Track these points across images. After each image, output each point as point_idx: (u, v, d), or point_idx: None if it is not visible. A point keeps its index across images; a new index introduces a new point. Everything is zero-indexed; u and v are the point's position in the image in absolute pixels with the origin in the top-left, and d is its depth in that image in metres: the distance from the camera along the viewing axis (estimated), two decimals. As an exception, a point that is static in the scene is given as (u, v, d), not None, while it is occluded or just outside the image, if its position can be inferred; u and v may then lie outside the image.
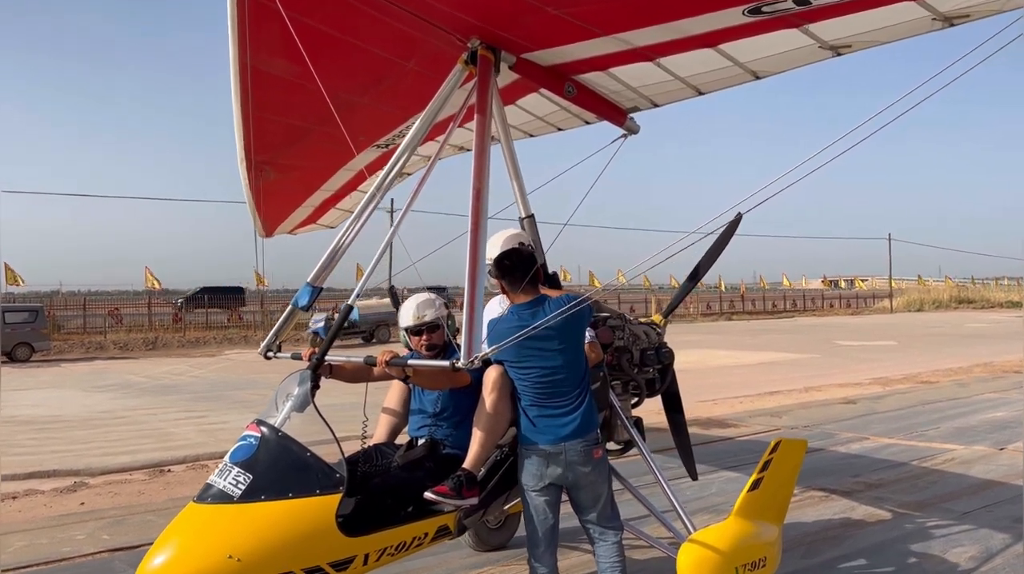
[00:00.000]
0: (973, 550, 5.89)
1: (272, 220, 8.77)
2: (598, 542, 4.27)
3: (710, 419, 12.12)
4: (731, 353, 24.38)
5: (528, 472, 4.12)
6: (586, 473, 4.14)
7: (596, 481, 4.21)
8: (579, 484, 4.16)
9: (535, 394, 4.12)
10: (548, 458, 4.07)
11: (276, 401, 4.10)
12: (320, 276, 4.82)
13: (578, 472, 4.12)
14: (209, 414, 13.69)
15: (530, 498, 4.15)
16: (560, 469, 4.08)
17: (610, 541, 4.25)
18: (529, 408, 4.13)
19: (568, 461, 4.08)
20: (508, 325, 4.11)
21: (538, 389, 4.11)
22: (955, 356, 22.09)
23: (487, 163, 4.44)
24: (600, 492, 4.25)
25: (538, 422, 4.10)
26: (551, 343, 4.10)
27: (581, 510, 4.27)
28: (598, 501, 4.24)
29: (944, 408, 12.97)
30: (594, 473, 4.18)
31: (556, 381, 4.12)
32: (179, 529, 3.67)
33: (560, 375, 4.13)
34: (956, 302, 64.23)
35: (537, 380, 4.11)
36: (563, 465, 4.08)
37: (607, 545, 4.24)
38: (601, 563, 4.25)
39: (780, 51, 4.70)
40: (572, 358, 4.19)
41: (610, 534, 4.26)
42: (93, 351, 29.81)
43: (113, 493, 8.09)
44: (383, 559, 3.97)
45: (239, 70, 5.15)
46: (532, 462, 4.10)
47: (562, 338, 4.13)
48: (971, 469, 8.55)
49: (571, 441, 4.08)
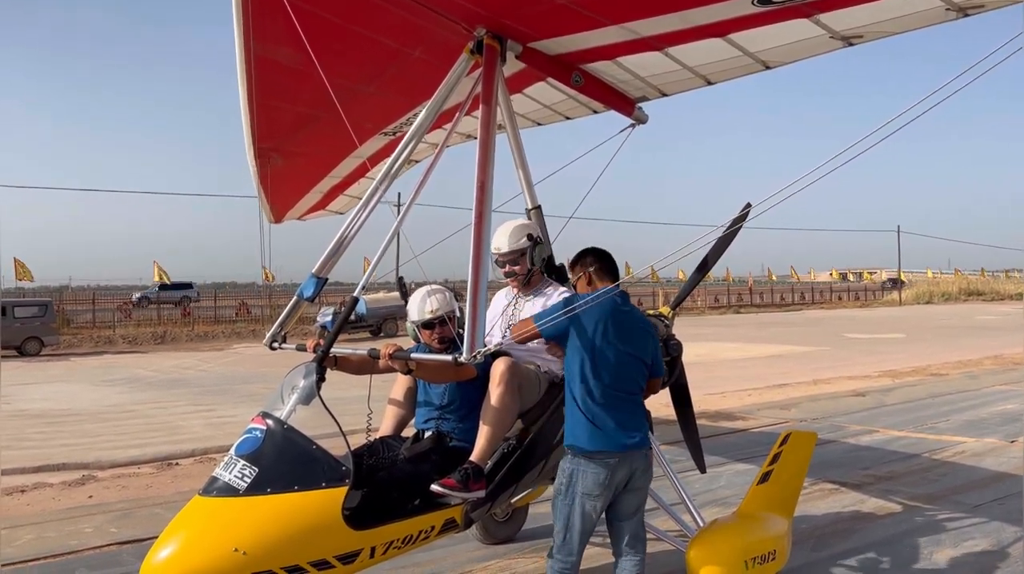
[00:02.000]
0: (984, 543, 5.84)
1: (281, 206, 8.78)
2: (627, 556, 4.06)
3: (718, 412, 12.07)
4: (739, 346, 24.30)
5: (593, 481, 3.88)
6: (641, 477, 4.04)
7: (644, 486, 4.10)
8: (633, 486, 4.02)
9: (604, 395, 3.92)
10: (615, 467, 3.89)
11: (282, 393, 4.07)
12: (325, 267, 4.80)
13: (638, 473, 4.01)
14: (217, 407, 13.71)
15: (584, 506, 3.90)
16: (626, 474, 3.95)
17: (638, 557, 4.07)
18: (589, 409, 3.92)
19: (633, 466, 3.97)
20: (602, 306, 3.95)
21: (606, 389, 3.93)
22: (965, 348, 21.98)
23: (491, 154, 4.40)
24: (644, 497, 4.15)
25: (606, 426, 3.90)
26: (623, 339, 3.99)
27: (620, 517, 4.07)
28: (640, 507, 4.12)
29: (954, 400, 12.89)
30: (647, 476, 4.09)
31: (627, 385, 4.00)
32: (185, 522, 3.65)
33: (632, 380, 4.03)
34: (965, 294, 63.92)
35: (607, 379, 3.93)
36: (628, 472, 3.95)
37: (634, 561, 4.05)
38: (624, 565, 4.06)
39: (790, 41, 4.64)
40: (639, 358, 4.06)
41: (640, 549, 4.09)
42: (102, 345, 29.93)
43: (121, 486, 8.10)
44: (390, 552, 3.95)
45: (245, 58, 5.12)
46: (597, 470, 3.88)
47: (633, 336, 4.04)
48: (982, 462, 8.48)
49: (638, 450, 3.98)
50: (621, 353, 3.97)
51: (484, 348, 3.90)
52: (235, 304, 41.27)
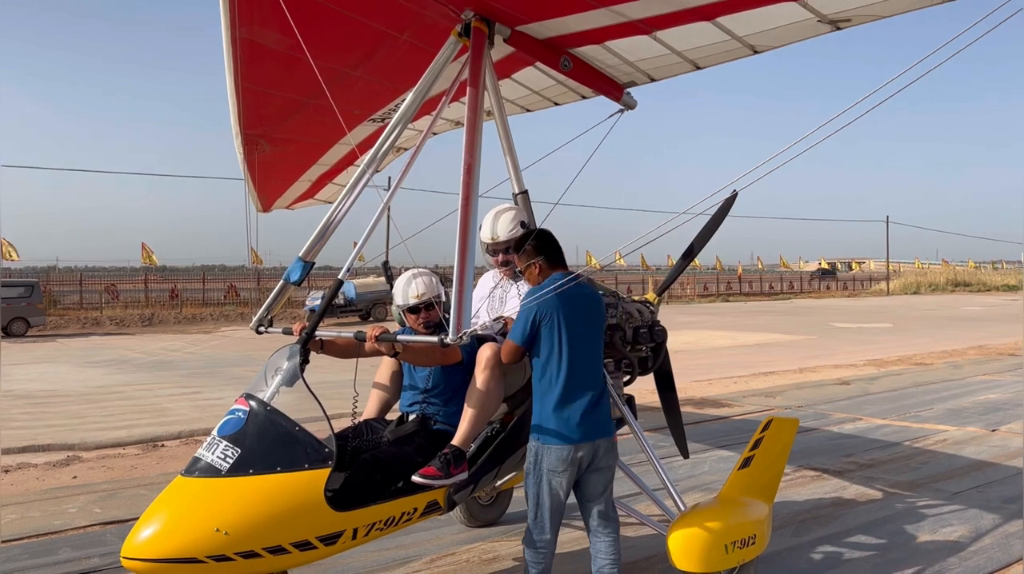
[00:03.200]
0: (963, 530, 5.91)
1: (269, 194, 8.72)
2: (599, 535, 4.17)
3: (704, 399, 12.14)
4: (727, 334, 24.40)
5: (556, 457, 3.97)
6: (605, 458, 4.11)
7: (610, 466, 4.18)
8: (597, 466, 4.10)
9: (567, 380, 3.99)
10: (577, 447, 3.98)
11: (265, 375, 4.07)
12: (312, 251, 4.78)
13: (600, 454, 4.09)
14: (204, 390, 13.69)
15: (551, 483, 4.00)
16: (589, 454, 4.03)
17: (612, 535, 4.18)
18: (558, 394, 3.99)
19: (595, 446, 4.05)
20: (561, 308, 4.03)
21: (572, 376, 4.00)
22: (950, 339, 22.14)
23: (479, 138, 4.39)
24: (611, 477, 4.21)
25: (569, 412, 3.98)
26: (592, 330, 4.11)
27: (587, 497, 4.17)
28: (607, 487, 4.18)
29: (938, 390, 13.00)
30: (611, 456, 4.16)
31: (590, 370, 4.08)
32: (167, 502, 3.66)
33: (594, 365, 4.11)
34: (952, 285, 64.29)
35: (573, 366, 4.00)
36: (591, 450, 4.04)
37: (608, 540, 4.16)
38: (599, 558, 4.16)
39: (778, 25, 4.63)
40: (596, 339, 4.18)
41: (612, 527, 4.19)
42: (89, 327, 29.79)
43: (106, 467, 8.09)
44: (372, 534, 3.96)
45: (231, 43, 5.08)
46: (560, 447, 3.97)
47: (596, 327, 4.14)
48: (963, 450, 8.57)
49: (603, 438, 4.07)
50: (584, 336, 4.07)
51: (470, 329, 3.91)
52: (223, 287, 41.11)
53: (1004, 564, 5.22)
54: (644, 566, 5.21)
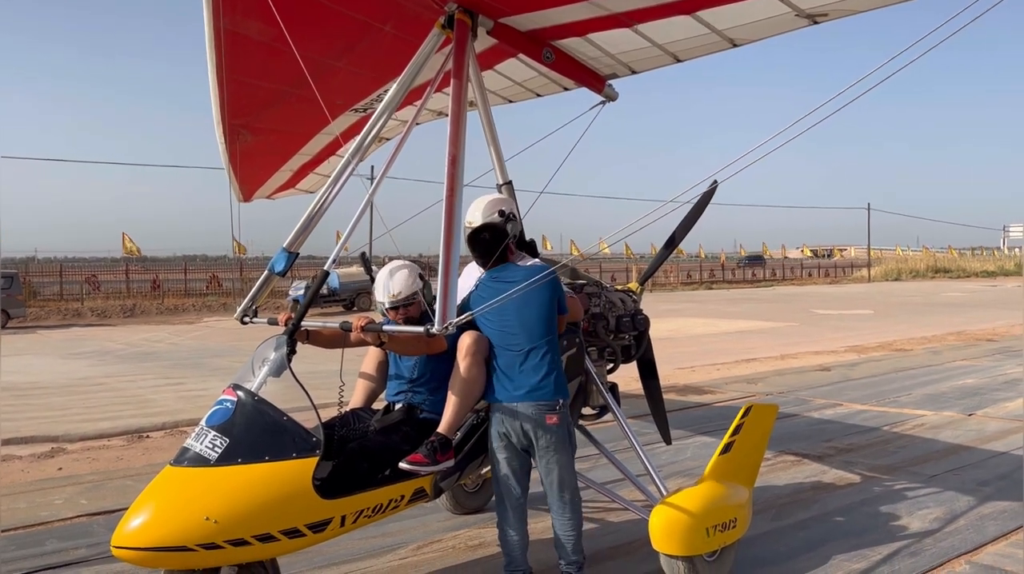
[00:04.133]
0: (938, 512, 6.04)
1: (250, 184, 8.69)
2: (556, 515, 4.40)
3: (687, 386, 12.26)
4: (710, 321, 24.58)
5: (493, 430, 4.34)
6: (541, 436, 4.26)
7: (550, 448, 4.28)
8: (536, 448, 4.30)
9: (496, 352, 4.32)
10: (504, 415, 4.27)
11: (252, 366, 4.11)
12: (296, 241, 4.81)
13: (534, 434, 4.25)
14: (188, 381, 13.67)
15: (495, 458, 4.35)
16: (517, 427, 4.25)
17: (567, 516, 4.36)
18: (493, 365, 4.33)
19: (523, 421, 4.24)
20: (477, 293, 4.37)
21: (498, 348, 4.32)
22: (930, 325, 22.40)
23: (463, 129, 4.43)
24: (554, 462, 4.31)
25: (496, 379, 4.30)
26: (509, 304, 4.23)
27: (542, 480, 4.39)
28: (551, 471, 4.32)
29: (917, 375, 13.19)
30: (548, 439, 4.27)
31: (511, 342, 4.29)
32: (156, 492, 3.70)
33: (515, 336, 4.29)
34: (933, 272, 64.96)
35: (496, 339, 4.33)
36: (519, 424, 4.24)
37: (562, 520, 4.38)
38: (557, 532, 4.42)
39: (757, 19, 4.70)
40: (529, 320, 4.31)
41: (567, 509, 4.35)
42: (70, 318, 29.58)
43: (91, 459, 8.09)
44: (360, 521, 4.02)
45: (213, 32, 5.08)
46: (495, 419, 4.33)
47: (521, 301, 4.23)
48: (940, 434, 8.73)
49: (523, 402, 4.24)
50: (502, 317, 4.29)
51: (455, 319, 3.97)
52: (205, 277, 40.88)
53: (978, 545, 5.35)
54: (627, 550, 5.30)
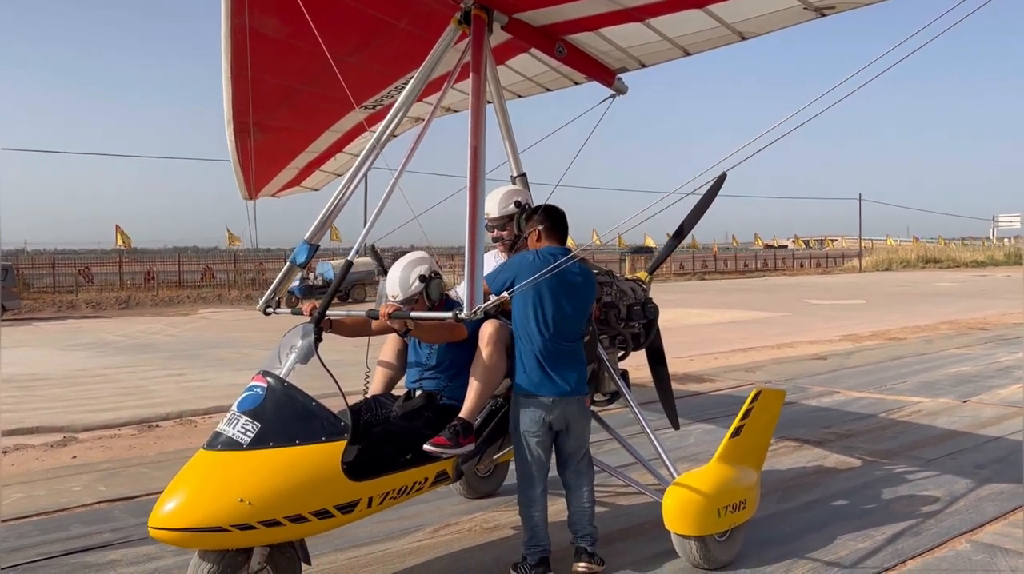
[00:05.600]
0: (938, 494, 6.21)
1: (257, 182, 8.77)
2: (573, 489, 4.58)
3: (686, 374, 12.42)
4: (705, 311, 24.75)
5: (529, 418, 4.39)
6: (580, 418, 4.50)
7: (583, 427, 4.56)
8: (571, 429, 4.48)
9: (542, 343, 4.36)
10: (549, 407, 4.36)
11: (279, 353, 4.23)
12: (317, 234, 4.93)
13: (575, 419, 4.46)
14: (188, 372, 13.73)
15: (528, 442, 4.42)
16: (563, 416, 4.40)
17: (585, 488, 4.58)
18: (531, 357, 4.38)
19: (569, 409, 4.41)
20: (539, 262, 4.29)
21: (547, 338, 4.36)
22: (922, 314, 22.61)
23: (483, 122, 4.54)
24: (586, 438, 4.60)
25: (540, 373, 4.36)
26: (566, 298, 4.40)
27: (565, 455, 4.57)
28: (581, 447, 4.57)
29: (911, 363, 13.38)
30: (585, 419, 4.56)
31: (568, 332, 4.42)
32: (191, 475, 3.82)
33: (572, 327, 4.43)
34: (923, 262, 65.34)
35: (551, 328, 4.36)
36: (565, 413, 4.40)
37: (580, 493, 4.57)
38: (573, 507, 4.58)
39: (766, 12, 4.82)
40: (584, 313, 4.53)
41: (585, 480, 4.59)
42: (65, 310, 29.52)
43: (104, 447, 8.19)
44: (386, 502, 4.15)
45: (230, 29, 5.16)
46: (533, 411, 4.38)
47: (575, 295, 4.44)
48: (936, 420, 8.91)
49: (575, 395, 4.43)
50: (561, 309, 4.37)
51: (484, 305, 4.10)
52: (198, 269, 40.82)
53: (978, 524, 5.51)
54: (638, 532, 5.44)
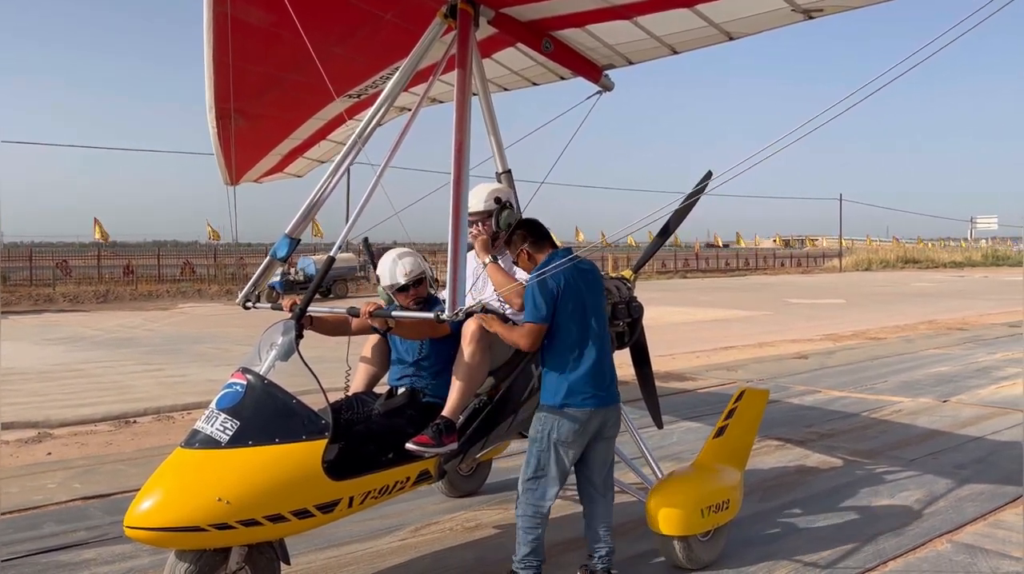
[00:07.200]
0: (919, 494, 6.23)
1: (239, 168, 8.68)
2: (597, 501, 4.40)
3: (668, 373, 12.42)
4: (686, 310, 24.81)
5: (568, 429, 4.17)
6: (616, 424, 4.39)
7: (615, 435, 4.43)
8: (604, 434, 4.34)
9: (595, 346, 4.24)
10: (590, 417, 4.21)
11: (259, 350, 4.16)
12: (298, 228, 4.86)
13: (613, 424, 4.36)
14: (167, 367, 13.57)
15: (562, 453, 4.21)
16: (598, 425, 4.26)
17: (609, 498, 4.45)
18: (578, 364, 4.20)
19: (605, 417, 4.29)
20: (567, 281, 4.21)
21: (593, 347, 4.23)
22: (902, 314, 22.79)
23: (468, 117, 4.49)
24: (612, 445, 4.46)
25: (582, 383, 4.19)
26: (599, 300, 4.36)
27: (593, 466, 4.38)
28: (609, 455, 4.44)
29: (891, 363, 13.47)
30: (617, 427, 4.43)
31: (600, 343, 4.30)
32: (168, 473, 3.75)
33: (603, 321, 4.36)
34: (903, 262, 65.92)
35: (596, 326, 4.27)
36: (603, 420, 4.28)
37: (604, 502, 4.41)
38: (595, 521, 4.39)
39: (754, 13, 4.80)
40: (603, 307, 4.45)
41: (610, 494, 4.47)
42: (42, 303, 29.14)
43: (80, 444, 8.07)
44: (367, 502, 4.10)
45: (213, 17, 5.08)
46: (574, 421, 4.18)
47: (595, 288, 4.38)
48: (917, 420, 8.96)
49: (613, 405, 4.32)
50: (597, 307, 4.30)
51: (465, 306, 4.04)
52: (178, 263, 40.45)
53: (958, 525, 5.54)
54: (622, 531, 5.38)
